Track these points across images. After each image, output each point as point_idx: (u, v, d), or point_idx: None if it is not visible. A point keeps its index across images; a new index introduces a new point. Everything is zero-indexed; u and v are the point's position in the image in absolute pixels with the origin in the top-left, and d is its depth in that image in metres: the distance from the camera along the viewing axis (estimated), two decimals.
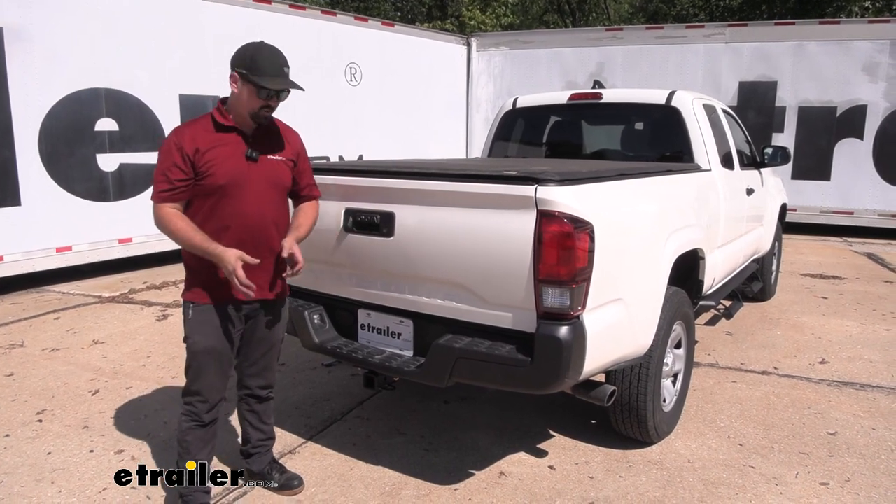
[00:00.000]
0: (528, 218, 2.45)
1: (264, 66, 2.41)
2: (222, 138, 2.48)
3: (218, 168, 2.43)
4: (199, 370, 2.53)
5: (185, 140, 2.41)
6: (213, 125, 2.49)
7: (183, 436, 2.59)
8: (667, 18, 23.30)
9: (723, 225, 4.08)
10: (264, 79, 2.40)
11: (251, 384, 2.80)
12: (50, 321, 5.59)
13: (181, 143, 2.41)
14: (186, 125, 2.52)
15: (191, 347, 2.53)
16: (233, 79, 2.46)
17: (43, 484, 2.95)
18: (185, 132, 2.46)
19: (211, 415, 2.60)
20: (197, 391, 2.55)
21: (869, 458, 3.18)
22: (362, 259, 2.98)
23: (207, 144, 2.44)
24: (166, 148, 2.42)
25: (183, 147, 2.40)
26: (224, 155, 2.45)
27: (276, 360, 2.84)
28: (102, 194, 7.07)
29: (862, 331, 5.25)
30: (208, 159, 2.42)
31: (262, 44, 2.48)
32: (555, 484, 2.96)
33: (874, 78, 9.58)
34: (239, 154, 2.49)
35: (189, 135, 2.44)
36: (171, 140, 2.44)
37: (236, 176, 2.46)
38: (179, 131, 2.47)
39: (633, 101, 4.60)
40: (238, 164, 2.47)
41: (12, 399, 3.91)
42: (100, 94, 6.93)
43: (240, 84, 2.44)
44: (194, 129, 2.48)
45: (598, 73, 10.73)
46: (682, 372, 3.55)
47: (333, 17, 9.63)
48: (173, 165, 2.39)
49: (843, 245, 9.51)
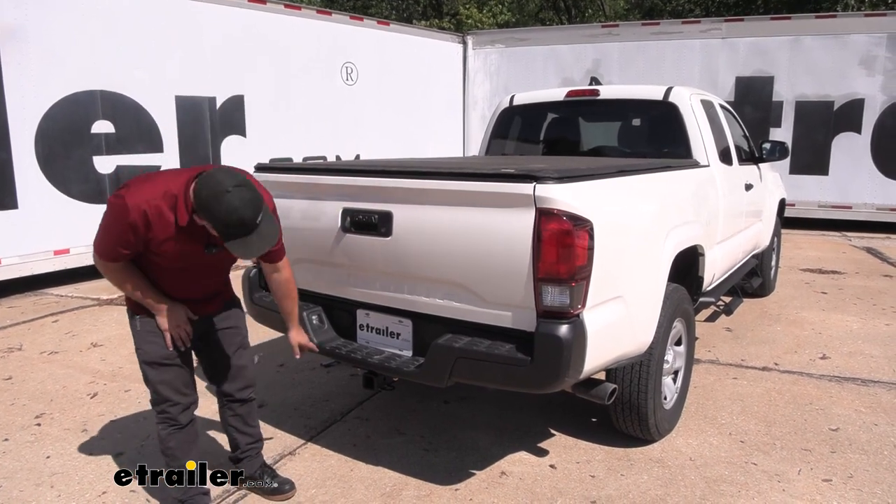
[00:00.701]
0: (526, 216, 2.44)
1: (232, 230, 2.16)
2: (182, 230, 2.30)
3: (170, 256, 2.35)
4: (158, 378, 2.50)
5: (139, 222, 2.23)
6: (173, 219, 2.27)
7: (165, 444, 2.56)
8: (663, 14, 23.27)
9: (722, 221, 4.06)
10: (233, 245, 2.19)
11: (229, 389, 2.76)
12: (48, 324, 5.57)
13: (136, 224, 2.22)
14: (146, 199, 2.23)
15: (143, 358, 2.50)
16: (194, 205, 2.20)
17: (42, 488, 2.94)
18: (142, 211, 2.22)
19: (186, 415, 2.56)
20: (165, 398, 2.52)
21: (871, 454, 3.17)
22: (360, 259, 2.97)
23: (164, 234, 2.28)
24: (120, 218, 2.22)
25: (137, 229, 2.24)
26: (180, 248, 2.34)
27: (245, 359, 2.79)
28: (99, 196, 7.04)
29: (862, 325, 5.25)
30: (163, 248, 2.32)
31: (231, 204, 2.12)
32: (556, 483, 2.94)
33: (871, 72, 9.57)
34: (197, 248, 2.37)
35: (144, 218, 2.23)
36: (125, 212, 2.21)
37: (188, 263, 2.42)
38: (137, 207, 2.21)
39: (630, 97, 4.59)
40: (193, 255, 2.39)
41: (11, 403, 3.90)
42: (96, 96, 6.90)
43: (199, 215, 2.22)
44: (153, 211, 2.23)
45: (595, 70, 10.72)
46: (683, 369, 3.54)
47: (329, 16, 9.60)
48: (124, 241, 2.27)
49: (841, 239, 9.51)
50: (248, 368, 2.80)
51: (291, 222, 3.16)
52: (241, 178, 2.22)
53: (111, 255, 2.33)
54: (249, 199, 2.15)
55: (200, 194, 2.15)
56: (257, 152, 8.24)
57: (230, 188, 2.12)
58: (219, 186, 2.13)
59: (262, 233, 2.20)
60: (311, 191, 3.14)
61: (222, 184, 2.13)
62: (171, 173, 2.38)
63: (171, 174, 2.37)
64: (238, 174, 2.24)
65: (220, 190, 2.12)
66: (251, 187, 2.21)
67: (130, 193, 2.25)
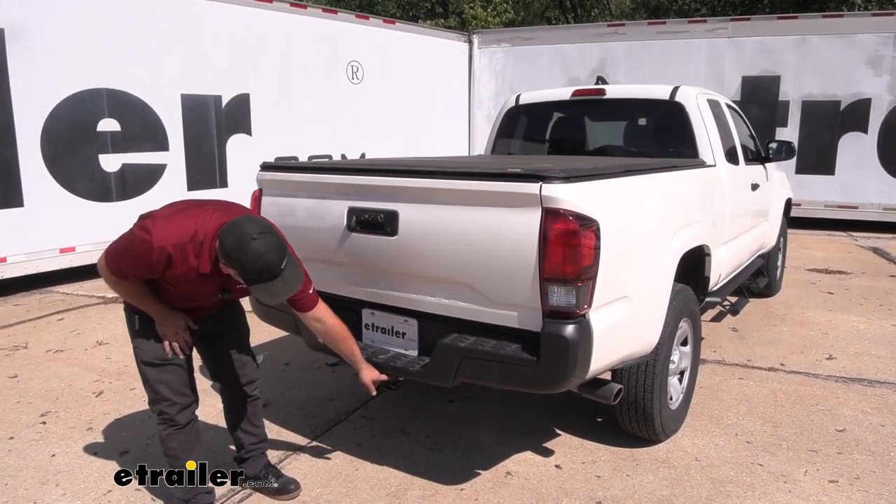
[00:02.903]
0: (532, 216, 2.43)
1: (252, 275, 2.20)
2: (201, 276, 2.32)
3: (182, 291, 2.39)
4: (156, 377, 2.49)
5: (161, 262, 2.25)
6: (196, 263, 2.28)
7: (166, 444, 2.55)
8: (669, 13, 23.19)
9: (728, 221, 4.05)
10: (257, 289, 2.24)
11: (232, 386, 2.76)
12: (54, 322, 5.58)
13: (158, 263, 2.24)
14: (173, 243, 2.24)
15: (141, 358, 2.50)
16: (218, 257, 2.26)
17: (47, 486, 2.95)
18: (167, 254, 2.23)
19: (185, 415, 2.54)
20: (163, 397, 2.51)
21: (878, 455, 3.15)
22: (366, 258, 2.96)
23: (183, 274, 2.31)
24: (143, 255, 2.24)
25: (157, 266, 2.26)
26: (195, 288, 2.40)
27: (247, 353, 2.79)
28: (105, 195, 7.06)
29: (869, 326, 5.22)
30: (178, 284, 2.36)
31: (256, 251, 2.16)
32: (561, 483, 2.94)
33: (878, 71, 9.52)
34: (211, 290, 2.44)
35: (167, 259, 2.25)
36: (149, 251, 2.22)
37: (199, 300, 2.48)
38: (162, 249, 2.22)
39: (636, 96, 4.58)
40: (205, 295, 2.46)
41: (16, 401, 3.91)
42: (101, 95, 6.91)
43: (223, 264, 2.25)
44: (177, 254, 2.25)
45: (601, 69, 10.67)
46: (689, 369, 3.53)
47: (334, 15, 9.60)
48: (140, 268, 2.30)
49: (847, 240, 9.46)
50: (250, 365, 2.79)
51: (297, 221, 3.16)
52: (266, 224, 2.28)
53: (122, 276, 2.35)
54: (274, 244, 2.20)
55: (225, 244, 2.19)
56: (263, 151, 8.26)
57: (255, 235, 2.17)
58: (244, 234, 2.17)
59: (287, 278, 2.24)
60: (316, 190, 3.14)
61: (247, 232, 2.17)
62: (202, 213, 2.33)
63: (203, 214, 2.32)
64: (262, 221, 2.30)
65: (246, 237, 2.16)
66: (275, 234, 2.26)
67: (157, 231, 2.24)
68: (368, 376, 2.77)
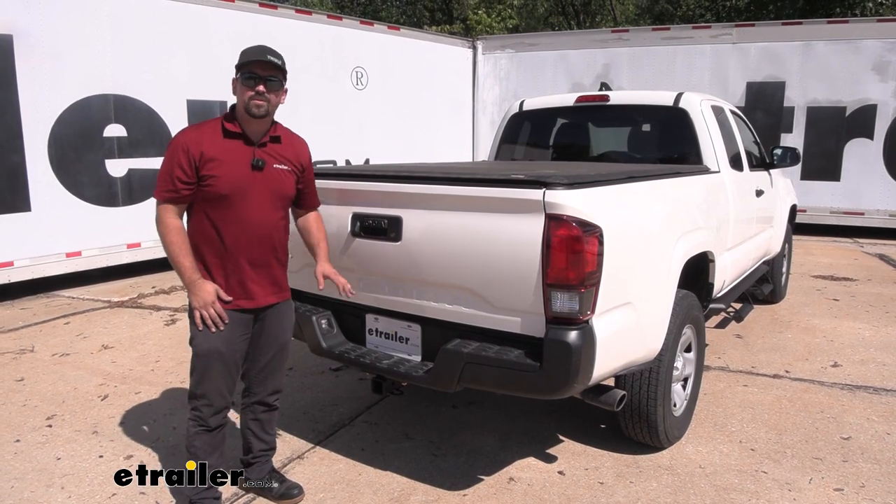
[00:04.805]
0: (536, 222, 2.44)
1: (247, 53, 2.47)
2: (229, 145, 2.48)
3: (222, 175, 2.43)
4: (203, 372, 2.52)
5: (191, 143, 2.42)
6: (221, 130, 2.49)
7: (191, 441, 2.59)
8: (673, 19, 23.22)
9: (732, 227, 4.04)
10: (244, 62, 2.45)
11: (259, 390, 2.78)
12: (60, 326, 5.61)
13: (187, 146, 2.41)
14: (194, 128, 2.53)
15: (196, 349, 2.53)
16: (233, 83, 2.52)
17: (53, 489, 2.96)
18: (191, 135, 2.46)
19: (216, 419, 2.59)
20: (202, 394, 2.55)
21: (884, 464, 3.14)
22: (370, 264, 2.97)
23: (213, 150, 2.44)
24: (172, 149, 2.43)
25: (189, 149, 2.41)
26: (229, 162, 2.45)
27: (284, 363, 2.83)
28: (111, 199, 7.10)
29: (874, 333, 5.20)
30: (213, 166, 2.42)
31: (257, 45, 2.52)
32: (564, 489, 2.93)
33: (884, 77, 9.51)
34: (245, 162, 2.49)
35: (195, 138, 2.44)
36: (177, 141, 2.44)
37: (240, 185, 2.46)
38: (186, 133, 2.48)
39: (640, 102, 4.58)
40: (243, 173, 2.47)
41: (22, 404, 3.93)
42: (108, 100, 6.97)
43: (235, 84, 2.50)
44: (201, 132, 2.48)
45: (605, 75, 10.70)
46: (693, 376, 3.52)
47: (339, 21, 9.64)
48: (178, 167, 2.40)
49: (853, 246, 9.43)
50: (282, 374, 2.84)
51: None
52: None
53: (168, 187, 2.42)
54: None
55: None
56: None
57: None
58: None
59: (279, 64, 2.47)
60: (321, 195, 3.15)
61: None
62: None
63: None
64: None
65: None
66: None
67: (183, 130, 2.52)
68: (321, 270, 2.79)
